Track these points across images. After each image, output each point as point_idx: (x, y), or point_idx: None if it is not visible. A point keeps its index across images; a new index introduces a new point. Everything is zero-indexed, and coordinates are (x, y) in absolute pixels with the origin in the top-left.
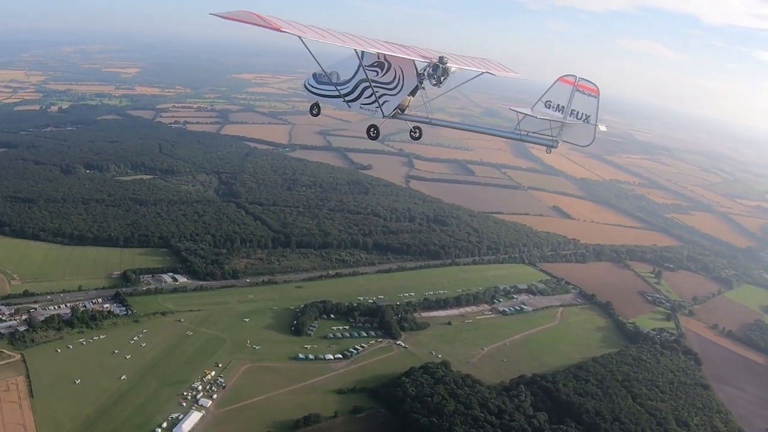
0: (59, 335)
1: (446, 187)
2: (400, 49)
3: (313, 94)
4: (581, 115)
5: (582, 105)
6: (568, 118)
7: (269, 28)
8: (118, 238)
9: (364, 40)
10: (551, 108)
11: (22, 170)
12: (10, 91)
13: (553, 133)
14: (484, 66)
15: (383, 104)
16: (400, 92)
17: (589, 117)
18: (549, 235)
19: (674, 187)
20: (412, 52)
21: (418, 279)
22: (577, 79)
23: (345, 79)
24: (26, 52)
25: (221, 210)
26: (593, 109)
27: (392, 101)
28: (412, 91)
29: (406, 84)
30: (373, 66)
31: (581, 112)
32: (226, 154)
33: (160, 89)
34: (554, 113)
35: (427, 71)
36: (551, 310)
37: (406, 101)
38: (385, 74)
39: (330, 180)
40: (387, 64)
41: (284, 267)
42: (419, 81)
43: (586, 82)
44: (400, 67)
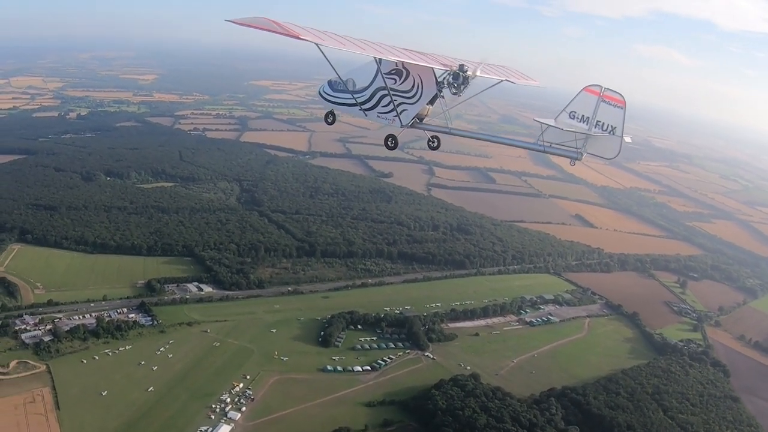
0: (85, 345)
1: (468, 195)
2: (419, 56)
3: (329, 101)
4: (607, 127)
5: (608, 116)
6: (593, 130)
7: (287, 35)
8: (141, 246)
9: (382, 47)
10: (576, 119)
11: (43, 177)
12: (28, 97)
13: (577, 144)
14: (504, 74)
15: (401, 113)
16: (418, 101)
17: (615, 128)
18: (573, 244)
19: (694, 195)
20: (431, 60)
21: (445, 289)
22: (602, 90)
23: (362, 87)
24: (43, 59)
25: (244, 218)
26: (619, 120)
27: (411, 110)
28: (431, 100)
29: (425, 92)
30: (391, 74)
31: (607, 124)
32: (247, 162)
33: (178, 96)
34: (579, 124)
35: (446, 79)
36: (578, 321)
37: (425, 110)
38: (404, 82)
39: (352, 188)
40: (405, 71)
41: (310, 276)
42: (438, 89)
43: (612, 92)
44: (418, 75)
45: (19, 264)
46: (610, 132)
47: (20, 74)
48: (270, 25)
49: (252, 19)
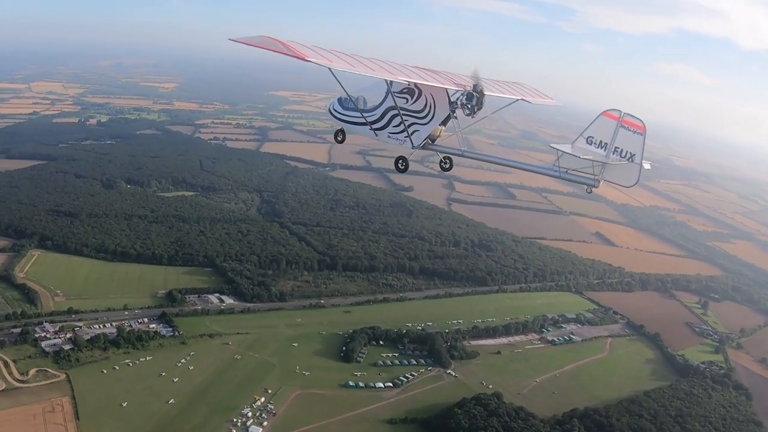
0: (105, 355)
1: (488, 211)
2: (432, 76)
3: (338, 119)
4: (625, 154)
5: (627, 142)
6: (611, 157)
7: (293, 57)
8: (162, 255)
9: (394, 67)
10: (593, 144)
11: (63, 184)
12: (49, 103)
13: (594, 171)
14: (519, 92)
15: (412, 134)
16: (431, 122)
17: (634, 156)
18: (594, 263)
19: (714, 215)
20: (444, 80)
21: (466, 306)
22: (622, 115)
23: (372, 106)
24: (63, 65)
25: (265, 230)
26: (639, 147)
27: (422, 131)
28: (444, 121)
29: (438, 113)
30: (402, 93)
31: (625, 150)
32: (267, 173)
33: (198, 105)
34: (596, 150)
35: (460, 100)
36: (600, 341)
37: (437, 131)
38: (416, 102)
39: (372, 201)
40: (417, 91)
41: (331, 290)
42: (451, 110)
43: (631, 117)
44: (431, 94)
45: (39, 270)
46: (628, 159)
47: (41, 79)
48: (275, 45)
49: (257, 38)
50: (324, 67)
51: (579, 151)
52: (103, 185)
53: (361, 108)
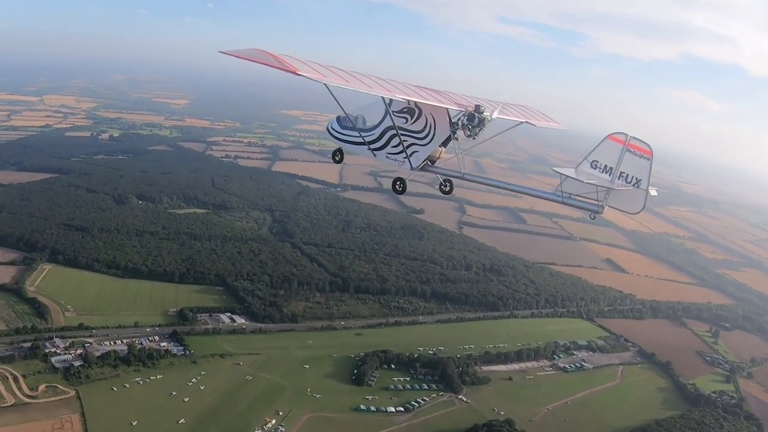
0: (115, 373)
1: (499, 235)
2: (433, 95)
3: (336, 139)
4: (631, 179)
5: (632, 167)
6: (617, 182)
7: (284, 70)
8: (173, 273)
9: (392, 84)
10: (598, 169)
11: (75, 198)
12: (61, 116)
13: (599, 197)
14: (524, 115)
15: (411, 155)
16: (430, 143)
17: (640, 181)
18: (605, 290)
19: (723, 242)
20: (445, 99)
21: (478, 331)
22: (628, 138)
23: (371, 125)
24: (76, 78)
25: (277, 249)
26: (645, 172)
27: (422, 152)
28: (444, 142)
29: (438, 134)
30: (402, 112)
31: (631, 176)
32: (279, 192)
33: (209, 122)
34: (601, 175)
35: (461, 121)
36: (611, 369)
37: (437, 152)
38: (415, 122)
39: (384, 223)
40: (418, 111)
41: (343, 312)
42: (452, 131)
43: (638, 141)
44: (431, 114)
45: (49, 285)
46: (634, 185)
47: (53, 92)
48: (266, 58)
49: (248, 51)
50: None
51: (583, 176)
52: (114, 200)
53: (359, 127)
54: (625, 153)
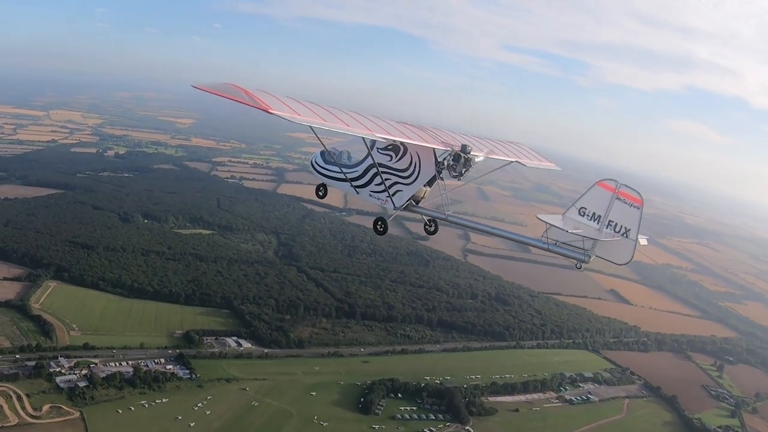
0: (120, 395)
1: (504, 264)
2: (418, 133)
3: (320, 174)
4: (620, 228)
5: (622, 216)
6: (605, 231)
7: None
8: (179, 294)
9: (375, 123)
10: (586, 216)
11: (81, 214)
12: (67, 131)
13: (585, 245)
14: (514, 154)
15: (395, 194)
16: (414, 182)
17: (629, 231)
18: (610, 321)
19: (726, 275)
20: (430, 138)
21: (484, 360)
22: (618, 186)
23: (355, 162)
24: (82, 94)
25: (282, 273)
26: (635, 221)
27: (405, 191)
28: (429, 181)
29: (423, 173)
30: (386, 150)
31: (620, 225)
32: (284, 214)
33: (215, 142)
34: (589, 223)
35: (447, 161)
36: (617, 402)
37: (422, 192)
38: (400, 160)
39: (390, 249)
40: (402, 149)
41: (349, 339)
42: (438, 170)
43: (628, 189)
44: (417, 153)
45: (54, 302)
46: (623, 234)
47: (60, 107)
48: (238, 93)
49: (220, 86)
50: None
51: (569, 225)
52: (120, 218)
53: (343, 163)
54: (615, 201)
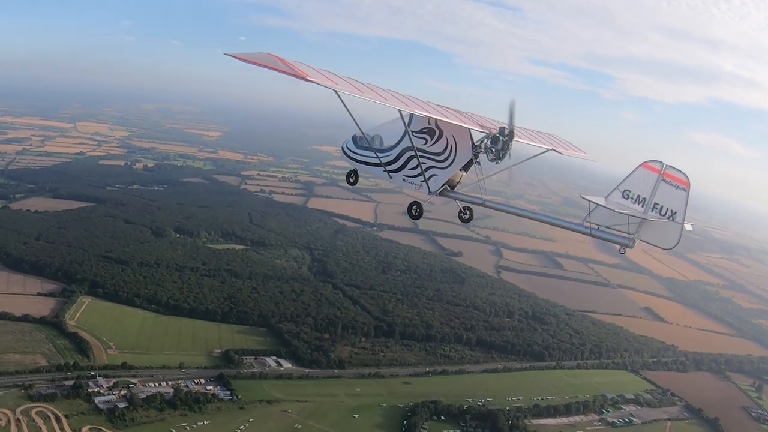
0: (161, 416)
1: (537, 281)
2: (455, 115)
3: (352, 159)
4: (666, 211)
5: (668, 198)
6: (650, 214)
7: (294, 76)
8: (215, 312)
9: (411, 100)
10: (630, 199)
11: (113, 228)
12: (95, 144)
13: (630, 229)
14: (550, 142)
15: (430, 178)
16: (450, 165)
17: (676, 214)
18: (648, 340)
19: (758, 291)
20: (468, 120)
21: (525, 381)
22: (664, 167)
23: (388, 146)
24: (108, 106)
25: (318, 290)
26: (681, 204)
27: (441, 175)
28: (465, 166)
29: (459, 156)
30: (421, 133)
31: (666, 207)
32: (316, 230)
33: (242, 155)
34: (633, 206)
35: (484, 143)
36: (660, 425)
37: (458, 176)
38: (435, 143)
39: (424, 266)
40: (438, 131)
41: (389, 359)
42: (474, 154)
43: (674, 171)
44: (453, 136)
45: (89, 319)
46: (669, 217)
47: (86, 120)
48: (275, 62)
49: (256, 55)
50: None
51: (614, 205)
52: (152, 233)
53: (376, 147)
54: (660, 183)
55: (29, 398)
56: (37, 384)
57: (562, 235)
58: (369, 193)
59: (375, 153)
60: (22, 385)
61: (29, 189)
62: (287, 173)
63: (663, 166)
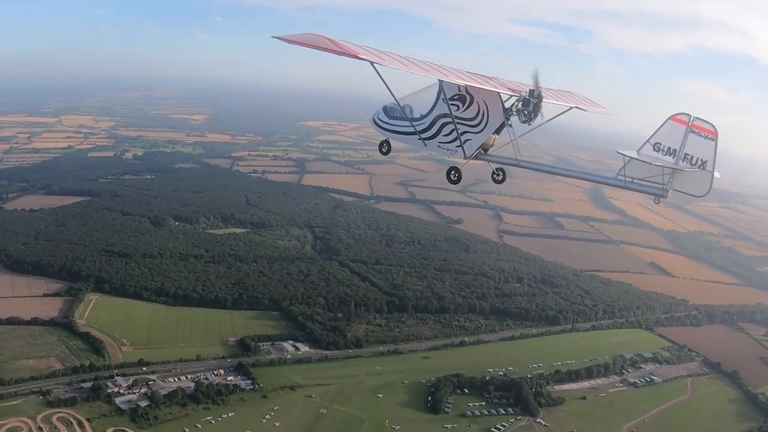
0: (184, 412)
1: (541, 243)
2: (486, 80)
3: (384, 129)
4: (696, 161)
5: (697, 149)
6: (681, 164)
7: (344, 54)
8: (225, 299)
9: (446, 69)
10: (661, 151)
11: (111, 221)
12: (82, 136)
13: (663, 180)
14: (573, 100)
15: (465, 143)
16: (484, 129)
17: (706, 163)
18: (658, 296)
19: (758, 238)
20: (498, 85)
21: (543, 347)
22: (691, 119)
23: (420, 114)
24: (90, 98)
25: (325, 269)
26: (710, 153)
27: (475, 140)
28: (498, 129)
29: (491, 120)
30: (453, 99)
31: (696, 157)
32: (314, 206)
33: (231, 136)
34: (665, 158)
35: (515, 106)
36: (680, 381)
37: (491, 140)
38: (467, 109)
39: (427, 236)
40: (469, 97)
41: (405, 335)
42: (506, 117)
43: (702, 122)
44: (483, 101)
45: (99, 316)
46: (699, 166)
47: (70, 113)
48: (324, 43)
49: (304, 36)
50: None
51: (647, 158)
52: (152, 223)
53: (409, 117)
54: (689, 134)
55: (48, 404)
56: (55, 389)
57: (560, 194)
58: (361, 166)
59: (410, 122)
60: (39, 391)
61: (21, 188)
62: (277, 151)
63: (691, 118)
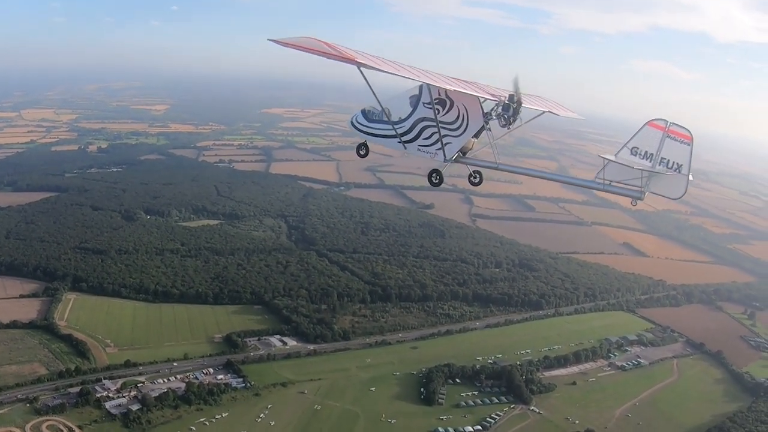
0: (177, 414)
1: (513, 226)
2: (467, 85)
3: (362, 132)
4: (672, 164)
5: (673, 153)
6: (658, 167)
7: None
8: (206, 294)
9: (431, 74)
10: (638, 155)
11: (82, 217)
12: (44, 130)
13: (641, 183)
14: (546, 105)
15: (445, 146)
16: (464, 133)
17: (681, 166)
18: (636, 277)
19: (724, 215)
20: (478, 89)
21: (529, 333)
22: (668, 124)
23: (400, 117)
24: (50, 90)
25: (304, 259)
26: (686, 157)
27: (455, 143)
28: (477, 133)
29: (471, 124)
30: (434, 103)
31: (672, 161)
32: (285, 195)
33: (194, 126)
34: (642, 161)
35: (495, 111)
36: (666, 363)
37: (470, 143)
38: (448, 113)
39: (401, 223)
40: (449, 101)
41: (391, 325)
42: (485, 121)
43: (678, 127)
44: (464, 105)
45: (80, 317)
46: (675, 170)
47: (30, 106)
48: (320, 46)
49: (300, 39)
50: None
51: (626, 161)
52: (123, 217)
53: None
54: (666, 139)
55: (36, 412)
56: (42, 395)
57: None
58: (327, 152)
59: (391, 125)
60: (26, 399)
61: None
62: (242, 140)
63: (667, 123)
